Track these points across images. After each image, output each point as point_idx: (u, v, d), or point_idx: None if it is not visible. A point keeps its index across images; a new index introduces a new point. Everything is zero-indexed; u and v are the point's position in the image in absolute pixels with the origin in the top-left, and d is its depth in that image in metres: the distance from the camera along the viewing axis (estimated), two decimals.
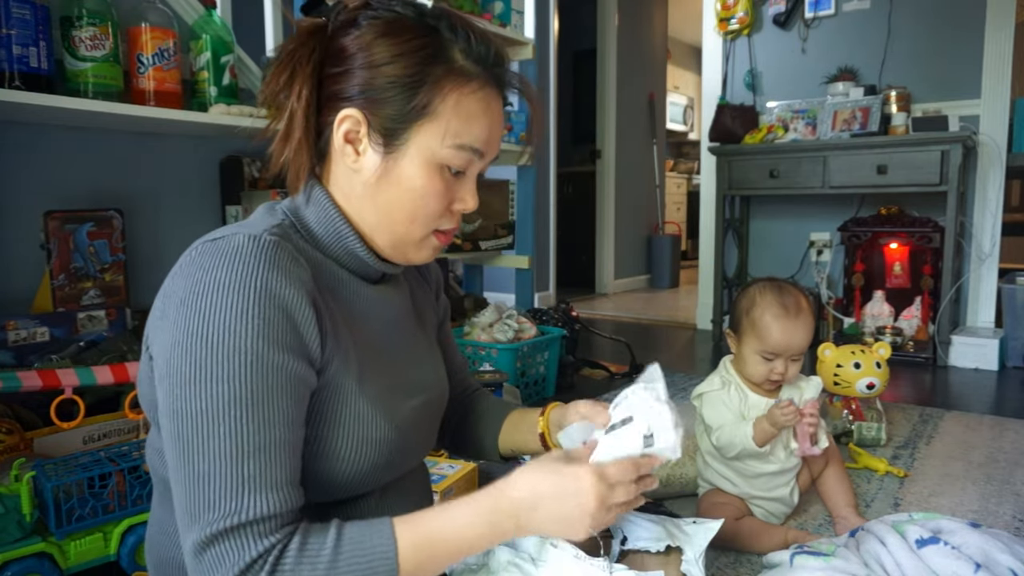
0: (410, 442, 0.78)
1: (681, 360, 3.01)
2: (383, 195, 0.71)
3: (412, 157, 0.69)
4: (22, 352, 1.52)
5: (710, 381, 1.37)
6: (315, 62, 0.70)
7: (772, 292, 1.32)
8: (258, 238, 0.63)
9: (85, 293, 1.71)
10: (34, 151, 1.72)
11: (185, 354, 0.59)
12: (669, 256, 5.57)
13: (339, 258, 0.74)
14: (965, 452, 1.79)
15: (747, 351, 1.31)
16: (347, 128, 0.70)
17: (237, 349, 0.59)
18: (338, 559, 0.58)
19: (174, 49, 1.72)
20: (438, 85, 0.68)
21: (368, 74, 0.68)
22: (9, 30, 1.41)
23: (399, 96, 0.68)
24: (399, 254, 0.76)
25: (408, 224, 0.72)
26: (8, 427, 1.29)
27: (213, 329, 0.59)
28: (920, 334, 2.91)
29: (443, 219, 0.74)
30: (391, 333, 0.80)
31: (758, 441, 1.26)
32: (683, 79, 7.30)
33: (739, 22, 3.45)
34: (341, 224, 0.73)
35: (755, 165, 3.16)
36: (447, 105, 0.69)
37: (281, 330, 0.61)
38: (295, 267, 0.64)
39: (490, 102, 0.72)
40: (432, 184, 0.70)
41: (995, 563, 0.96)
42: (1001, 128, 2.90)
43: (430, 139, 0.69)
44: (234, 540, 0.57)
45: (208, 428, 0.58)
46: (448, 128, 0.69)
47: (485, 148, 0.73)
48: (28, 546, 1.05)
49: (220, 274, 0.61)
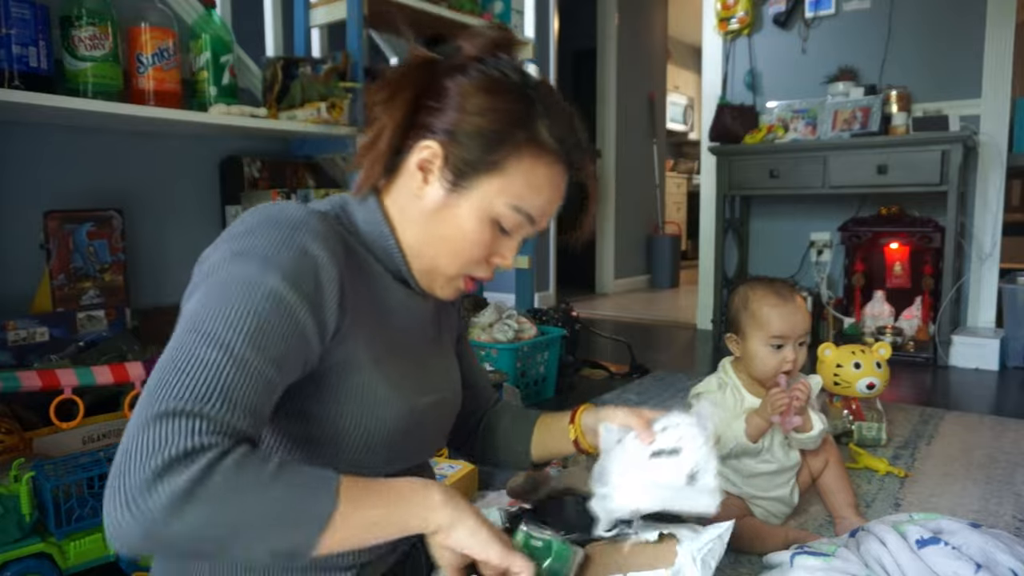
0: (420, 435, 0.81)
1: (681, 360, 3.01)
2: (435, 227, 0.76)
3: (472, 203, 0.74)
4: (22, 352, 1.52)
5: (707, 382, 1.37)
6: (417, 92, 0.76)
7: (763, 284, 1.35)
8: (308, 208, 0.70)
9: (84, 293, 1.71)
10: (34, 151, 1.72)
11: (220, 270, 0.65)
12: (669, 256, 5.57)
13: (376, 254, 0.78)
14: (965, 452, 1.79)
15: (754, 345, 1.31)
16: (424, 157, 0.75)
17: (264, 276, 0.63)
18: (279, 475, 0.57)
19: (174, 49, 1.72)
20: (516, 148, 0.73)
21: (458, 117, 0.73)
22: (9, 30, 1.41)
23: (479, 146, 0.73)
24: (426, 282, 0.80)
25: (447, 260, 0.77)
26: (8, 427, 1.29)
27: (251, 254, 0.64)
28: (920, 334, 2.90)
29: (479, 267, 0.79)
30: (413, 332, 0.83)
31: (751, 436, 1.27)
32: (683, 79, 7.30)
33: (739, 22, 3.45)
34: (386, 230, 0.78)
35: (755, 165, 3.16)
36: (518, 168, 0.74)
37: (305, 280, 0.65)
38: (334, 242, 0.70)
39: (557, 179, 0.77)
40: (480, 233, 0.75)
41: (996, 563, 0.96)
42: (1002, 128, 2.90)
43: (493, 193, 0.74)
44: (189, 423, 0.55)
45: (208, 331, 0.61)
46: (512, 189, 0.74)
47: (539, 217, 0.77)
48: (27, 546, 1.05)
49: (269, 223, 0.67)
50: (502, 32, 0.78)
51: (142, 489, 0.52)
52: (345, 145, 2.15)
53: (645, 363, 2.72)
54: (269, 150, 2.25)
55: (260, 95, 2.16)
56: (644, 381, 2.54)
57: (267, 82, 2.04)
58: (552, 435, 0.94)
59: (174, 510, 0.52)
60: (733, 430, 1.28)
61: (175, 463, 0.53)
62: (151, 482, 0.52)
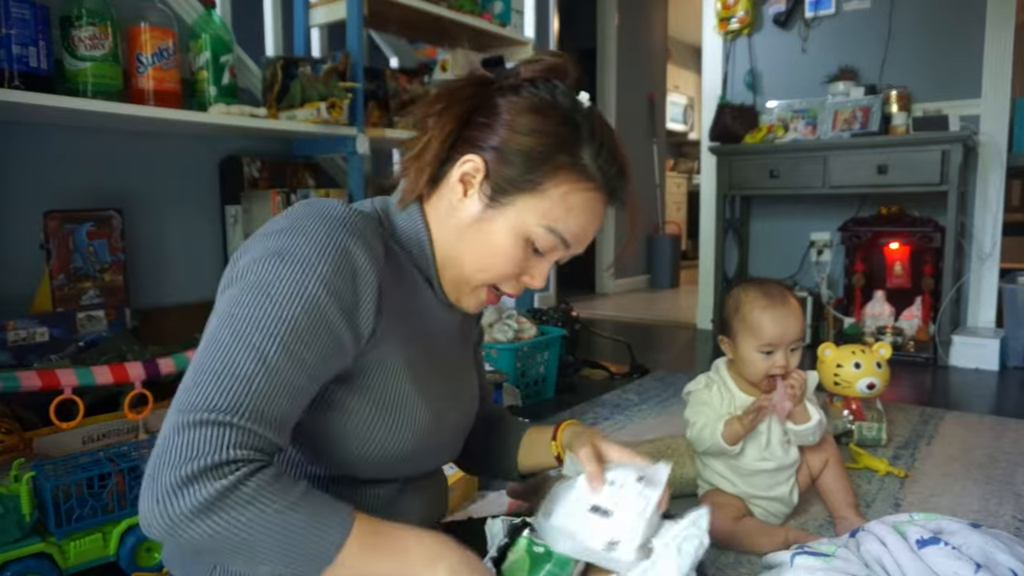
0: (439, 442, 0.82)
1: (681, 360, 3.01)
2: (469, 239, 0.77)
3: (507, 219, 0.75)
4: (22, 352, 1.52)
5: (697, 380, 1.39)
6: (468, 107, 0.77)
7: (755, 287, 1.33)
8: (353, 208, 0.71)
9: (84, 293, 1.71)
10: (34, 151, 1.72)
11: (260, 268, 0.65)
12: (669, 256, 5.57)
13: (414, 258, 0.80)
14: (966, 452, 1.79)
15: (745, 350, 1.31)
16: (467, 170, 0.76)
17: (302, 282, 0.64)
18: (303, 501, 0.60)
19: (173, 49, 1.72)
20: (556, 171, 0.74)
21: (505, 135, 0.75)
22: (9, 30, 1.41)
23: (520, 164, 0.74)
24: (453, 293, 0.81)
25: (475, 271, 0.78)
26: (8, 427, 1.29)
27: (292, 256, 0.65)
28: (921, 334, 2.90)
29: (507, 283, 0.80)
30: (443, 340, 0.84)
31: (727, 439, 1.27)
32: (683, 79, 7.30)
33: (739, 22, 3.44)
34: (424, 237, 0.79)
35: (755, 165, 3.16)
36: (557, 191, 0.75)
37: (344, 285, 0.66)
38: (376, 241, 0.71)
39: (595, 206, 0.78)
40: (512, 249, 0.76)
41: (996, 563, 0.96)
42: (1002, 128, 2.90)
43: (529, 212, 0.75)
44: (221, 435, 0.59)
45: (245, 335, 0.62)
46: (548, 210, 0.75)
47: (574, 241, 0.78)
48: (27, 546, 1.05)
49: (314, 220, 0.67)
50: (559, 59, 0.79)
51: (172, 491, 0.56)
52: (345, 145, 2.15)
53: (645, 363, 2.72)
54: (269, 150, 2.25)
55: (260, 95, 2.16)
56: (644, 381, 2.54)
57: (267, 82, 2.04)
58: (537, 449, 0.95)
59: (197, 516, 0.56)
60: (710, 428, 1.29)
61: (205, 473, 0.57)
62: (180, 487, 0.56)
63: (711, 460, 1.37)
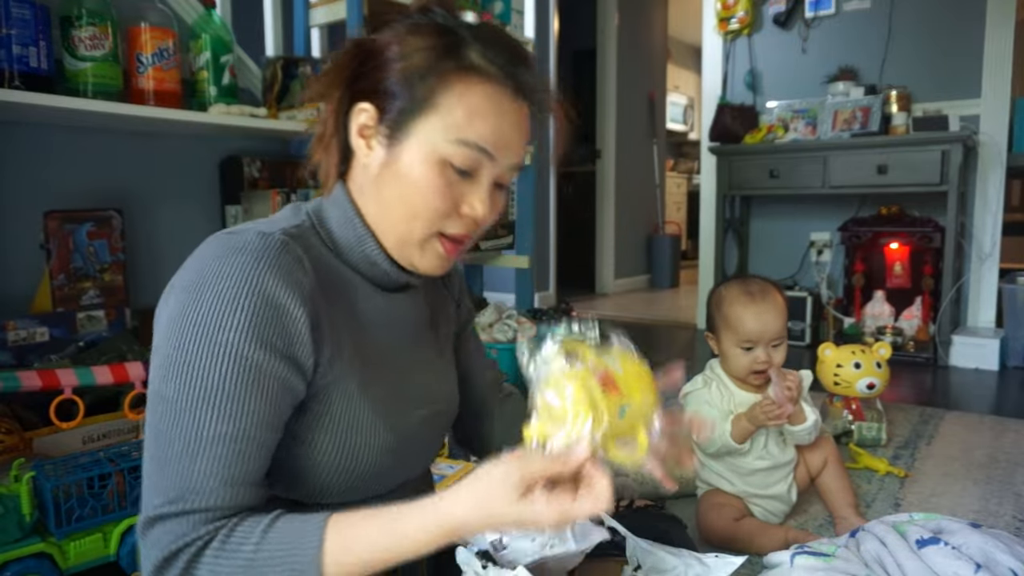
0: (411, 452, 0.78)
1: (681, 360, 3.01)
2: (386, 189, 0.71)
3: (413, 150, 0.69)
4: (22, 352, 1.52)
5: (694, 381, 1.40)
6: (352, 68, 0.72)
7: (736, 284, 1.35)
8: (268, 236, 0.65)
9: (84, 293, 1.71)
10: (34, 151, 1.72)
11: (172, 336, 0.62)
12: (669, 256, 5.57)
13: (356, 264, 0.75)
14: (966, 452, 1.79)
15: (727, 346, 1.33)
16: (362, 123, 0.71)
17: (219, 341, 0.60)
18: (258, 555, 0.60)
19: (174, 49, 1.71)
20: (444, 79, 0.68)
21: (385, 71, 0.70)
22: (9, 30, 1.41)
23: (407, 89, 0.68)
24: (404, 257, 0.74)
25: (408, 221, 0.71)
26: (8, 427, 1.28)
27: (201, 318, 0.61)
28: (920, 334, 2.90)
29: (448, 221, 0.71)
30: (401, 342, 0.79)
31: (736, 438, 1.28)
32: (683, 79, 7.30)
33: (739, 22, 3.44)
34: (360, 225, 0.73)
35: (755, 165, 3.16)
36: (451, 99, 0.68)
37: (269, 330, 0.62)
38: (298, 270, 0.65)
39: (502, 102, 0.70)
40: (430, 178, 0.69)
41: (996, 563, 0.96)
42: (1001, 128, 2.90)
43: (431, 132, 0.68)
44: (170, 526, 0.60)
45: (174, 415, 0.61)
46: (451, 123, 0.68)
47: (494, 149, 0.70)
48: (28, 546, 1.05)
49: (222, 266, 0.62)
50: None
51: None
52: None
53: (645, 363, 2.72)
54: (269, 150, 2.25)
55: (260, 95, 2.16)
56: None
57: (267, 82, 2.04)
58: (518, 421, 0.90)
59: None
60: (719, 429, 1.29)
61: (165, 564, 0.60)
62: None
63: (710, 460, 1.37)
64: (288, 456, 0.69)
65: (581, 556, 0.75)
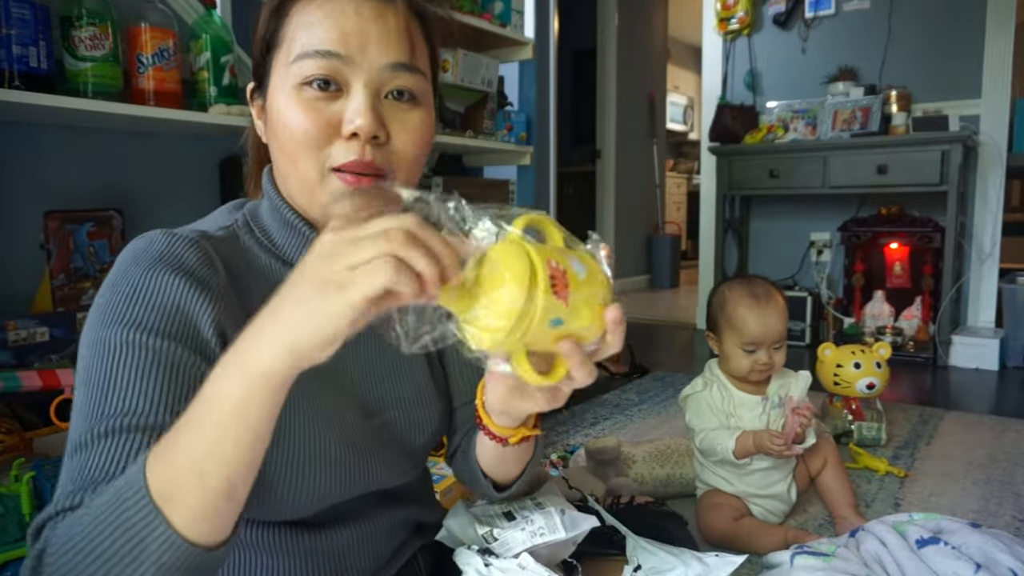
0: (372, 461, 0.70)
1: (681, 360, 3.01)
2: (273, 146, 0.66)
3: (274, 93, 0.64)
4: (22, 352, 1.52)
5: (694, 384, 1.40)
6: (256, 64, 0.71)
7: (741, 285, 1.35)
8: (174, 235, 0.62)
9: (85, 293, 1.71)
10: (34, 151, 1.72)
11: (83, 337, 0.59)
12: (669, 256, 5.57)
13: (293, 257, 0.68)
14: (965, 452, 1.79)
15: (729, 347, 1.33)
16: (250, 101, 0.70)
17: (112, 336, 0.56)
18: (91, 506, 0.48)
19: (174, 49, 1.71)
20: (282, 13, 0.64)
21: (255, 48, 0.68)
22: (9, 30, 1.41)
23: (259, 40, 0.67)
24: (314, 208, 0.65)
25: (293, 164, 0.63)
26: (8, 427, 1.29)
27: (99, 319, 0.58)
28: (920, 334, 2.90)
29: (333, 149, 0.62)
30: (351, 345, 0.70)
31: (738, 455, 1.28)
32: (683, 79, 7.30)
33: (739, 22, 3.45)
34: (284, 207, 0.68)
35: (755, 165, 3.16)
36: (290, 27, 0.64)
37: (166, 322, 0.57)
38: (203, 267, 0.60)
39: (343, 4, 0.62)
40: (291, 107, 0.62)
41: (995, 563, 0.96)
42: (1001, 128, 2.90)
43: (280, 67, 0.64)
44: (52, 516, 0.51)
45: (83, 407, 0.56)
46: (295, 45, 0.63)
47: (344, 48, 0.61)
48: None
49: (125, 264, 0.60)
50: None
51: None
52: None
53: (645, 363, 2.72)
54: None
55: None
56: (644, 381, 2.54)
57: None
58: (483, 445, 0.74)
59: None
60: (723, 442, 1.29)
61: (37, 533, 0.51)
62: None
63: (708, 461, 1.38)
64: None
65: (572, 545, 0.75)
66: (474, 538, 0.74)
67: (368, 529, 0.73)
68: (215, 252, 0.63)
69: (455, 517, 0.77)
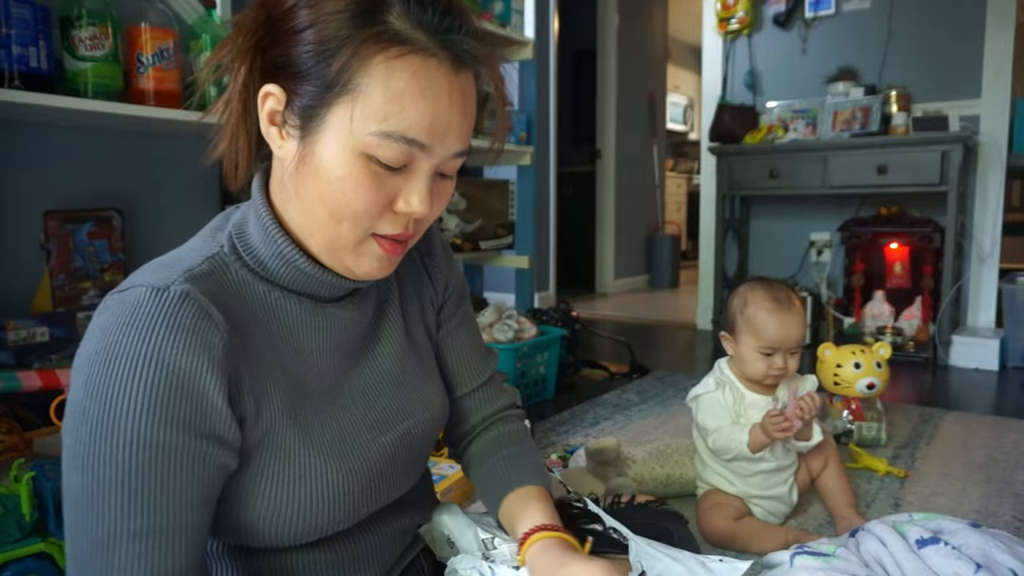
0: (381, 482, 0.69)
1: (681, 360, 3.01)
2: (304, 188, 0.60)
3: (328, 143, 0.57)
4: (22, 352, 1.52)
5: (704, 383, 1.37)
6: (258, 36, 0.60)
7: (763, 288, 1.33)
8: (162, 292, 0.55)
9: (85, 293, 1.71)
10: (34, 151, 1.72)
11: (73, 423, 0.54)
12: (669, 256, 5.57)
13: (289, 282, 0.64)
14: (965, 452, 1.79)
15: (745, 350, 1.32)
16: (271, 108, 0.60)
17: (118, 429, 0.52)
18: None
19: (174, 49, 1.71)
20: (361, 53, 0.55)
21: (292, 44, 0.57)
22: (9, 30, 1.41)
23: (317, 66, 0.56)
24: (337, 262, 0.63)
25: (334, 225, 0.59)
26: (8, 427, 1.29)
27: (98, 404, 0.52)
28: (920, 334, 2.90)
29: (381, 221, 0.60)
30: (349, 364, 0.69)
31: (753, 448, 1.27)
32: (683, 79, 7.30)
33: (739, 22, 3.45)
34: (280, 239, 0.62)
35: (755, 165, 3.16)
36: (373, 78, 0.55)
37: (174, 407, 0.53)
38: (203, 325, 0.55)
39: (435, 76, 0.56)
40: (353, 176, 0.57)
41: (996, 563, 0.96)
42: (1001, 128, 2.90)
43: (348, 121, 0.56)
44: None
45: (84, 510, 0.53)
46: (372, 108, 0.55)
47: (428, 138, 0.57)
48: (28, 546, 1.05)
49: (114, 339, 0.53)
50: None
51: None
52: None
53: (645, 363, 2.72)
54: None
55: None
56: (644, 381, 2.54)
57: None
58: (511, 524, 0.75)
59: None
60: (736, 439, 1.28)
61: None
62: None
63: (711, 461, 1.37)
64: (231, 515, 0.61)
65: None
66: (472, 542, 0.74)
67: (373, 540, 0.73)
68: (208, 298, 0.57)
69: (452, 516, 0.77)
